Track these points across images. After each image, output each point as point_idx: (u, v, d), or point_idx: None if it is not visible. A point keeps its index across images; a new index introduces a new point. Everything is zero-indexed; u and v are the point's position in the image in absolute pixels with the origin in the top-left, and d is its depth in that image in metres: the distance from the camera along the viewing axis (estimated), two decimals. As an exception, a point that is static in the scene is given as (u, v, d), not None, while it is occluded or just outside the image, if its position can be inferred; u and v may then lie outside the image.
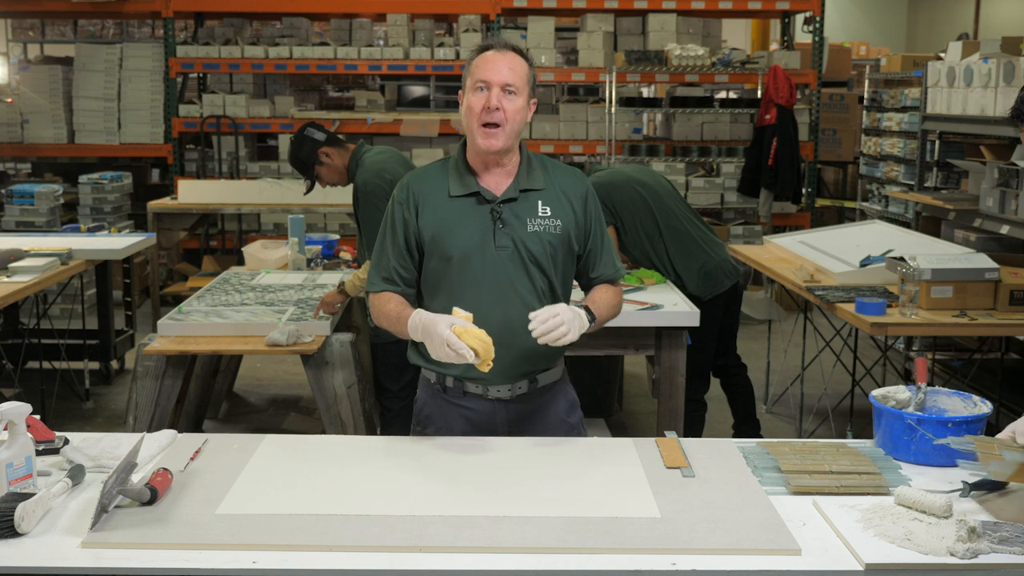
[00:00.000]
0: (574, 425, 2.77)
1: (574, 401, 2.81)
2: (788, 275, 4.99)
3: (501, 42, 2.59)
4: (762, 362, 6.21)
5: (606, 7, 8.54)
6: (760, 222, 8.46)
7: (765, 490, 2.23)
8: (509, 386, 2.65)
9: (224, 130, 8.58)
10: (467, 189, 2.60)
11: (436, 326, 2.38)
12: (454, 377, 2.65)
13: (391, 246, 2.64)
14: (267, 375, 6.53)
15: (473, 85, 2.54)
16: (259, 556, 1.92)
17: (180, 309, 4.40)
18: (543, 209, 2.60)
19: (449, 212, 2.59)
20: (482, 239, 2.57)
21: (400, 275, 2.64)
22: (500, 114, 2.51)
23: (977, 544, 1.92)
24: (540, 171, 2.65)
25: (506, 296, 2.55)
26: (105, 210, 7.99)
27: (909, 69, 10.32)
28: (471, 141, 2.58)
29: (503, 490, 2.23)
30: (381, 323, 2.65)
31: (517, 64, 2.55)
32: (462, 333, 2.35)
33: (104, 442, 2.41)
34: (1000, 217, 5.64)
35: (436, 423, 2.70)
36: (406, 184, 2.66)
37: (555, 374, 2.73)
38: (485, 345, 2.35)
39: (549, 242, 2.60)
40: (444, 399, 2.69)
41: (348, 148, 4.48)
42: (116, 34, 10.52)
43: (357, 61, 8.52)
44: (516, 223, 2.58)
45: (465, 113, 2.57)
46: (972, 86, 6.09)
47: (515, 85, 2.53)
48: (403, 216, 2.62)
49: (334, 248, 5.87)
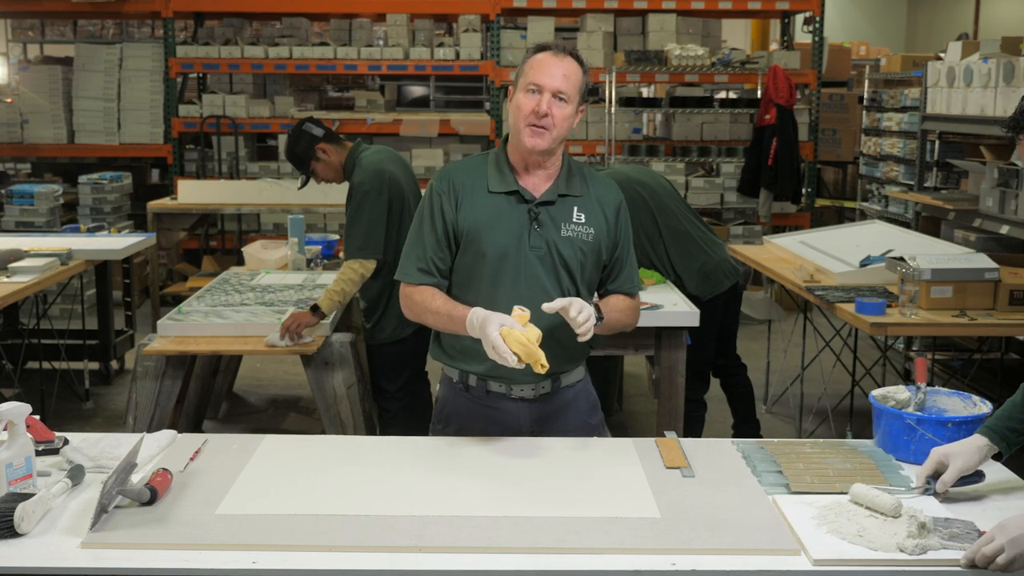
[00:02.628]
0: (595, 426, 2.78)
1: (595, 402, 2.82)
2: (788, 275, 4.99)
3: (560, 45, 2.59)
4: (762, 362, 6.21)
5: (606, 7, 8.54)
6: (760, 222, 8.46)
7: (765, 490, 2.24)
8: (532, 386, 2.65)
9: (224, 130, 8.58)
10: (507, 187, 2.60)
11: (488, 326, 2.36)
12: (477, 376, 2.65)
13: (430, 236, 2.62)
14: (267, 375, 6.53)
15: (526, 85, 2.54)
16: (259, 556, 1.92)
17: (180, 309, 4.40)
18: (578, 216, 2.61)
19: (488, 208, 2.59)
20: (518, 238, 2.57)
21: (437, 266, 2.62)
22: (548, 120, 2.51)
23: (927, 540, 1.94)
24: (579, 178, 2.66)
25: (535, 297, 2.53)
26: (105, 210, 8.00)
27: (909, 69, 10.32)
28: (515, 138, 2.58)
29: (503, 490, 2.23)
30: (422, 318, 2.62)
31: (572, 71, 2.54)
32: (507, 336, 2.33)
33: (104, 442, 2.40)
34: (1000, 217, 5.64)
35: (457, 421, 2.70)
36: (447, 176, 2.64)
37: (577, 374, 2.74)
38: (527, 350, 2.33)
39: (580, 249, 2.61)
40: (467, 398, 2.69)
41: (346, 146, 4.46)
42: (116, 34, 10.52)
43: (357, 61, 8.52)
44: (551, 226, 2.59)
45: (513, 110, 2.57)
46: (972, 86, 6.09)
47: (567, 93, 2.53)
48: (442, 207, 2.60)
49: (334, 248, 5.86)
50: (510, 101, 2.61)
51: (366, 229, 4.20)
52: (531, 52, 2.59)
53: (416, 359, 4.60)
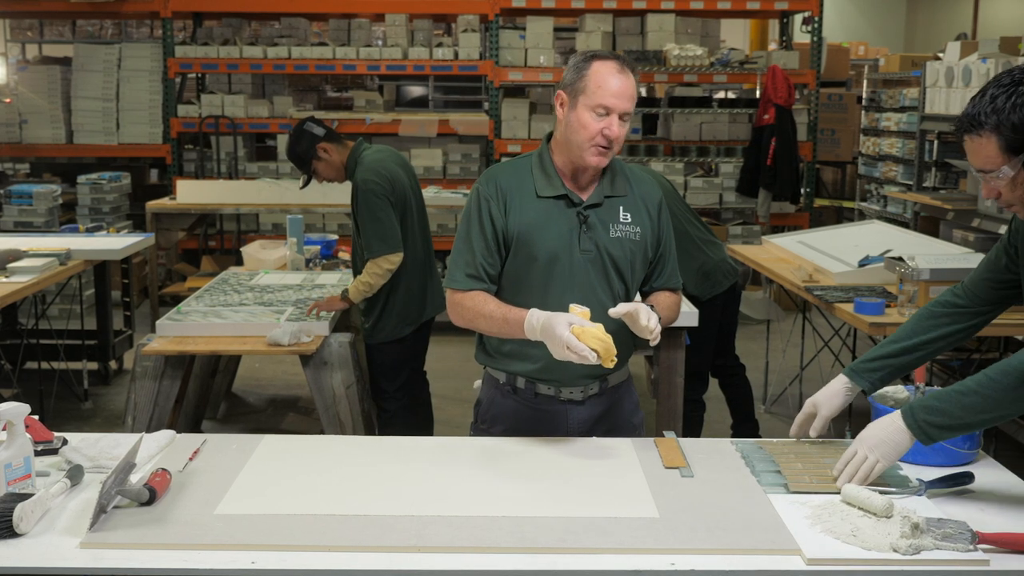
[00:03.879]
0: (636, 426, 2.79)
1: (637, 402, 2.83)
2: (787, 275, 5.00)
3: (622, 58, 2.54)
4: (761, 362, 6.21)
5: (605, 7, 8.54)
6: (759, 222, 8.47)
7: (764, 490, 2.24)
8: (581, 388, 2.65)
9: (223, 130, 8.58)
10: (555, 191, 2.59)
11: (556, 327, 2.34)
12: (525, 378, 2.65)
13: (479, 241, 2.59)
14: (266, 375, 6.53)
15: (593, 105, 2.49)
16: (258, 556, 1.92)
17: (179, 309, 4.40)
18: (624, 215, 2.62)
19: (537, 212, 2.58)
20: (568, 242, 2.57)
21: (487, 272, 2.60)
22: (614, 140, 2.52)
23: (920, 540, 1.95)
24: (622, 178, 2.66)
25: (587, 300, 2.52)
26: (103, 210, 7.99)
27: (907, 69, 10.33)
28: (575, 153, 2.55)
29: (501, 490, 2.23)
30: (475, 323, 2.59)
31: (633, 89, 2.53)
32: (581, 334, 2.32)
33: (103, 442, 2.40)
34: (998, 217, 5.65)
35: (504, 423, 2.69)
36: (493, 179, 2.62)
37: (623, 375, 2.75)
38: (605, 345, 2.33)
39: (630, 248, 2.61)
40: (514, 400, 2.68)
41: (347, 145, 4.47)
42: (115, 34, 10.52)
43: (356, 61, 8.52)
44: (600, 228, 2.59)
45: (576, 127, 2.51)
46: (970, 86, 6.10)
47: (630, 112, 2.53)
48: (491, 212, 2.59)
49: (333, 248, 5.87)
50: (561, 105, 2.56)
51: (380, 226, 4.23)
52: (589, 60, 2.53)
53: (415, 359, 4.61)
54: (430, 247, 4.58)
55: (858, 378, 2.41)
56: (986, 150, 2.04)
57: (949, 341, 2.43)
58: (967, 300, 2.41)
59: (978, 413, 2.11)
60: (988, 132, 2.02)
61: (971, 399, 2.10)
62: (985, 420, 2.14)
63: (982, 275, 2.41)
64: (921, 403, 2.17)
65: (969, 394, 2.10)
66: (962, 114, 2.11)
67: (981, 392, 2.09)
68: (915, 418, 2.15)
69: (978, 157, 2.07)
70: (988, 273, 2.40)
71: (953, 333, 2.42)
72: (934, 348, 2.43)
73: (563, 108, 2.56)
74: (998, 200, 2.13)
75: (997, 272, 2.38)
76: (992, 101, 2.01)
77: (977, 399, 2.09)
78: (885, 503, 2.05)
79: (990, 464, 2.43)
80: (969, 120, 2.06)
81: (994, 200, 2.14)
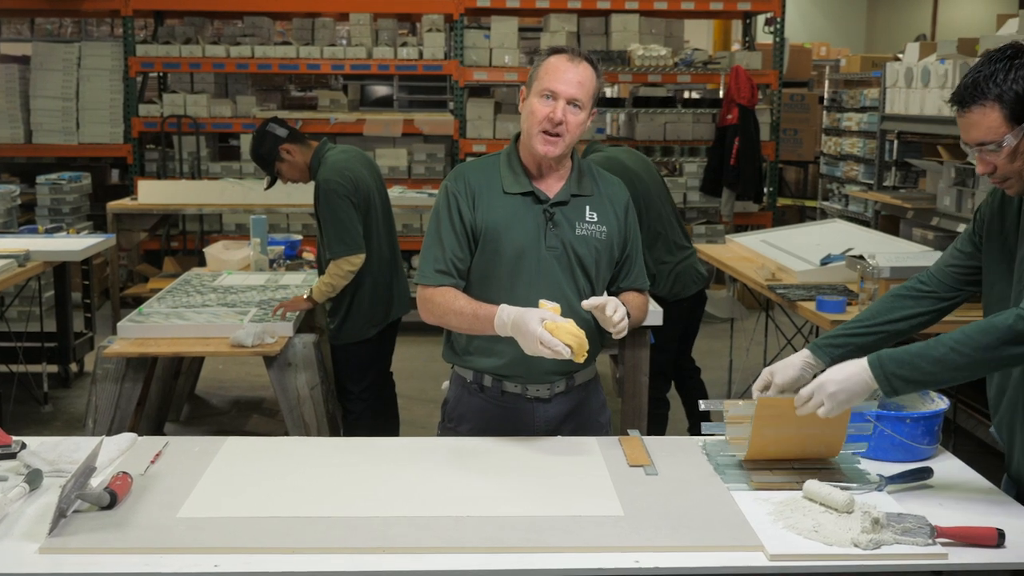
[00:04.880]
0: (603, 424, 2.80)
1: (604, 400, 2.84)
2: (750, 274, 5.03)
3: (576, 50, 2.58)
4: (725, 360, 6.25)
5: (569, 7, 8.55)
6: (722, 221, 8.52)
7: (727, 487, 2.25)
8: (548, 385, 2.66)
9: (185, 130, 8.50)
10: (522, 188, 2.61)
11: (529, 323, 2.35)
12: (492, 376, 2.65)
13: (448, 237, 2.61)
14: (229, 377, 6.49)
15: (540, 91, 2.53)
16: (221, 559, 1.90)
17: (140, 311, 4.35)
18: (590, 215, 2.64)
19: (504, 208, 2.60)
20: (535, 238, 2.59)
21: (457, 267, 2.61)
22: (563, 127, 2.53)
23: (880, 535, 1.98)
24: (589, 178, 2.69)
25: (553, 296, 2.54)
26: (63, 211, 7.88)
27: (868, 70, 10.45)
28: (528, 143, 2.59)
29: (466, 490, 2.23)
30: (444, 319, 2.59)
31: (587, 78, 2.55)
32: (554, 329, 2.33)
33: (62, 446, 2.38)
34: (957, 216, 5.73)
35: (471, 421, 2.70)
36: (462, 176, 2.65)
37: (590, 373, 2.76)
38: (579, 340, 2.34)
39: (595, 247, 2.63)
40: (481, 398, 2.69)
41: (311, 145, 4.45)
42: (74, 32, 10.39)
43: (320, 60, 8.47)
44: (566, 226, 2.61)
45: (527, 115, 2.57)
46: (929, 86, 6.17)
47: (581, 100, 2.54)
48: (459, 207, 2.61)
49: (297, 248, 5.83)
50: (523, 102, 2.61)
51: (342, 228, 4.22)
52: (545, 54, 2.59)
53: (381, 360, 4.60)
54: (396, 247, 4.57)
55: (820, 352, 2.41)
56: (988, 120, 2.08)
57: (912, 323, 2.45)
58: (932, 285, 2.45)
59: (950, 370, 2.10)
60: (991, 101, 2.07)
61: (945, 354, 2.09)
62: (955, 378, 2.13)
63: (947, 262, 2.45)
64: (891, 354, 2.16)
65: (944, 349, 2.09)
66: (960, 87, 2.14)
67: (958, 349, 2.08)
68: (883, 368, 2.15)
69: (979, 129, 2.10)
70: (953, 260, 2.43)
71: (917, 315, 2.44)
72: (897, 328, 2.44)
73: (523, 103, 2.61)
74: (992, 176, 2.16)
75: (962, 259, 2.41)
76: (992, 73, 2.06)
77: (953, 356, 2.08)
78: (846, 499, 2.08)
79: (949, 459, 2.47)
80: (971, 90, 2.10)
81: (988, 176, 2.17)
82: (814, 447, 2.36)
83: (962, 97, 2.12)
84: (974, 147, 2.14)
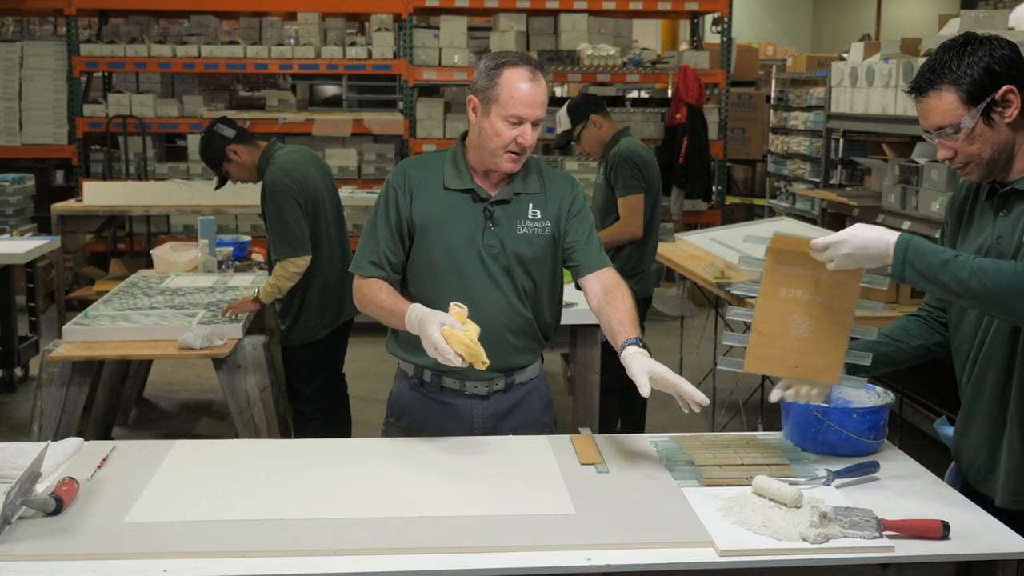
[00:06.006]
0: (547, 424, 2.80)
1: (549, 400, 2.84)
2: (699, 272, 5.08)
3: (532, 61, 2.57)
4: (675, 357, 6.30)
5: (518, 7, 8.57)
6: (672, 220, 8.57)
7: (678, 484, 2.27)
8: (486, 383, 2.66)
9: (131, 130, 8.39)
10: (463, 184, 2.61)
11: (428, 326, 2.35)
12: (432, 371, 2.65)
13: (384, 230, 2.62)
14: (178, 379, 6.41)
15: (506, 115, 2.51)
16: (170, 564, 1.88)
17: (86, 314, 4.29)
18: (533, 212, 2.64)
19: (443, 204, 2.60)
20: (470, 236, 2.59)
21: (389, 260, 2.62)
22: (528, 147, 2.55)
23: (828, 529, 2.01)
24: (535, 176, 2.68)
25: (488, 294, 2.56)
26: (7, 213, 7.75)
27: (814, 69, 10.58)
28: (488, 159, 2.57)
29: (418, 490, 2.22)
30: (368, 311, 2.62)
31: (545, 94, 2.56)
32: (449, 336, 2.32)
33: (7, 452, 2.33)
34: (902, 213, 5.82)
35: (411, 416, 2.71)
36: (404, 170, 2.66)
37: (532, 372, 2.75)
38: (470, 350, 2.32)
39: (539, 245, 2.63)
40: (420, 393, 2.69)
41: (259, 146, 4.41)
42: (16, 32, 10.22)
43: (267, 60, 8.41)
44: (506, 224, 2.61)
45: (489, 134, 2.53)
46: (874, 86, 6.26)
47: (543, 117, 2.57)
48: (397, 201, 2.62)
49: (246, 250, 5.78)
50: (474, 111, 2.57)
51: (288, 228, 4.20)
52: (500, 67, 2.53)
53: (332, 361, 4.57)
54: (347, 248, 4.54)
55: None
56: (945, 103, 2.13)
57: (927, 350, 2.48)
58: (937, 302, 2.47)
59: (955, 286, 2.06)
60: (947, 85, 2.13)
61: (961, 273, 2.05)
62: (953, 295, 2.10)
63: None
64: (919, 247, 2.13)
65: (962, 270, 2.05)
66: (917, 76, 2.20)
67: (975, 275, 2.04)
68: (906, 252, 2.12)
69: (936, 113, 2.15)
70: None
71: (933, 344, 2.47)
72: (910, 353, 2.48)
73: (476, 113, 2.58)
74: (951, 162, 2.20)
75: None
76: (947, 60, 2.13)
77: (965, 276, 2.04)
78: (795, 494, 2.10)
79: (895, 453, 2.51)
80: (928, 76, 2.16)
81: (948, 162, 2.20)
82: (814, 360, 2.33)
83: (919, 84, 2.18)
84: (933, 132, 2.19)
